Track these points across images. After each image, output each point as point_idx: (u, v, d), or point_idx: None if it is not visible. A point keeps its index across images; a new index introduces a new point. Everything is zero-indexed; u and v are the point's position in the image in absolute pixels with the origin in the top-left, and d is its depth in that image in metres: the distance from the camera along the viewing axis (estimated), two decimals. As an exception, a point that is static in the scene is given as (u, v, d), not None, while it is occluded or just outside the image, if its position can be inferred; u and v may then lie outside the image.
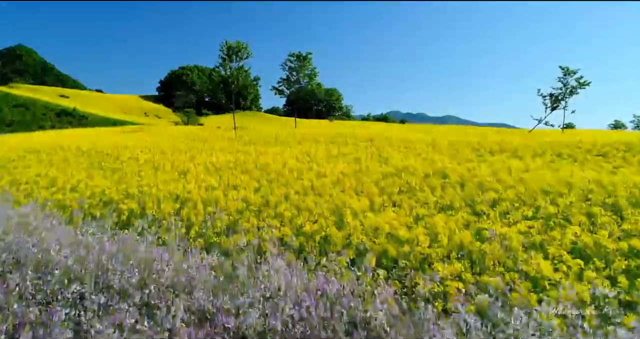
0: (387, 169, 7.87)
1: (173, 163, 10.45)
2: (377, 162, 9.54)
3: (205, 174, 8.88)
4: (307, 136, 17.91)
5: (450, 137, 19.39)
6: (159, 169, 9.59)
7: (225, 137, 17.45)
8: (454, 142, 15.56)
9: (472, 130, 34.57)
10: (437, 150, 12.96)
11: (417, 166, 8.36)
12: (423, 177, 7.34)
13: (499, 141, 15.78)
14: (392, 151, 11.99)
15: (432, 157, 10.41)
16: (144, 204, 6.27)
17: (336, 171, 8.05)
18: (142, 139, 16.73)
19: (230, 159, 10.00)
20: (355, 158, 9.89)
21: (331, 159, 10.27)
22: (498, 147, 15.11)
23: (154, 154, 12.15)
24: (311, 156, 10.82)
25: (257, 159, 10.30)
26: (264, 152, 11.78)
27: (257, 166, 9.51)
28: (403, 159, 9.94)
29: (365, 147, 13.31)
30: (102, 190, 7.46)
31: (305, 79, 32.56)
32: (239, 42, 28.47)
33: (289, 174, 8.38)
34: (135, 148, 13.12)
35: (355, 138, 15.84)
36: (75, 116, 64.11)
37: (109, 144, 14.67)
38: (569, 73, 32.51)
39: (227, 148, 13.12)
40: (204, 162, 10.09)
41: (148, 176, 8.55)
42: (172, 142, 15.38)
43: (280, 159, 10.24)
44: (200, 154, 12.10)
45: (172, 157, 10.93)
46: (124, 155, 12.02)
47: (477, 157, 10.73)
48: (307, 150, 11.90)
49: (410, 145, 14.41)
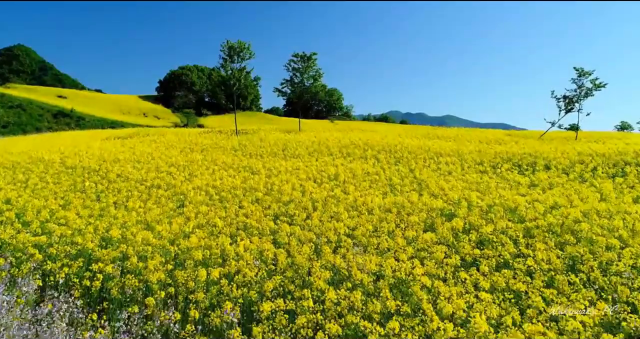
0: (435, 203, 6.20)
1: (169, 185, 8.75)
2: (415, 189, 7.86)
3: (206, 203, 7.19)
4: (316, 145, 16.22)
5: (469, 145, 17.76)
6: (152, 195, 7.89)
7: (228, 147, 15.72)
8: (481, 153, 13.90)
9: (483, 133, 32.91)
10: (470, 165, 11.30)
11: (471, 196, 6.69)
12: (485, 216, 5.68)
13: (532, 152, 14.12)
14: (422, 168, 10.31)
15: (473, 180, 8.75)
16: (125, 263, 4.59)
17: (371, 204, 6.37)
18: (137, 149, 14.99)
19: (236, 182, 8.31)
20: (389, 184, 8.17)
21: (356, 181, 8.60)
22: (531, 158, 13.47)
23: (147, 171, 10.44)
24: (330, 175, 9.13)
25: (268, 181, 8.61)
26: (273, 170, 10.09)
27: (269, 190, 7.83)
28: (441, 183, 8.27)
29: (388, 161, 11.63)
30: (77, 229, 5.80)
31: (309, 81, 30.77)
32: (241, 42, 26.64)
33: (308, 201, 6.70)
34: (127, 163, 11.40)
35: (371, 148, 14.15)
36: (73, 116, 62.30)
37: (98, 155, 12.95)
38: (584, 74, 30.88)
39: (230, 163, 11.42)
40: (204, 184, 8.39)
41: (136, 208, 6.86)
42: (169, 154, 13.65)
43: (295, 180, 8.55)
44: (200, 170, 10.40)
45: (167, 178, 9.22)
46: (113, 172, 10.30)
47: (522, 178, 9.05)
48: (324, 167, 10.21)
49: (435, 157, 12.75)
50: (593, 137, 31.04)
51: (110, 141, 20.32)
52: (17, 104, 59.28)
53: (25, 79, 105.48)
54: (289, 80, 31.32)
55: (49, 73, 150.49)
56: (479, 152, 14.30)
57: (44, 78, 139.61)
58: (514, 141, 22.96)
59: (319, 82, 30.77)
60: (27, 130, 54.36)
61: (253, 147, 15.51)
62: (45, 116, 59.47)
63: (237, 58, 27.44)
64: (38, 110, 59.91)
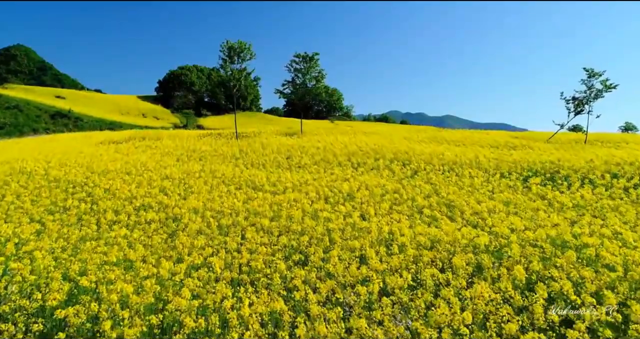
0: (479, 239, 5.07)
1: (160, 204, 7.63)
2: (445, 213, 6.74)
3: (203, 232, 6.08)
4: (321, 151, 15.10)
5: (483, 151, 16.66)
6: (140, 219, 6.77)
7: (228, 154, 14.59)
8: (499, 161, 12.80)
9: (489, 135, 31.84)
10: (494, 177, 10.19)
11: (516, 225, 5.58)
12: (547, 258, 4.58)
13: (554, 159, 13.02)
14: (444, 183, 9.19)
15: (506, 199, 7.64)
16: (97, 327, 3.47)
17: (401, 238, 5.25)
18: (130, 157, 13.85)
19: (237, 204, 7.17)
20: (413, 205, 7.03)
21: (374, 200, 7.48)
22: (554, 167, 12.38)
23: (138, 184, 9.32)
24: (343, 193, 8.02)
25: (273, 200, 7.50)
26: (278, 185, 8.97)
27: (276, 214, 6.71)
28: (472, 202, 7.15)
29: (404, 173, 10.51)
30: (41, 273, 4.71)
31: (311, 82, 29.59)
32: (241, 42, 25.42)
33: (324, 231, 5.59)
34: (117, 176, 10.27)
35: (383, 157, 13.03)
36: (71, 117, 61.06)
37: (87, 165, 11.81)
38: (594, 75, 29.80)
39: (230, 175, 10.29)
40: (201, 206, 7.27)
41: (119, 239, 5.74)
42: (164, 163, 12.53)
43: (304, 200, 7.43)
44: (197, 185, 9.26)
45: (160, 196, 8.09)
46: (101, 186, 9.17)
47: (562, 196, 7.95)
48: (334, 182, 9.10)
49: (454, 167, 11.64)
50: (601, 139, 29.96)
51: (104, 146, 19.17)
52: (14, 105, 57.99)
53: (23, 79, 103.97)
54: (290, 81, 30.14)
55: (48, 73, 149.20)
56: (496, 160, 13.20)
57: (44, 78, 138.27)
58: (526, 145, 21.90)
59: (321, 83, 29.60)
60: (24, 131, 53.14)
61: (254, 154, 14.37)
62: (42, 117, 58.20)
63: (237, 59, 26.26)
64: (35, 111, 58.64)
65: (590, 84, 29.58)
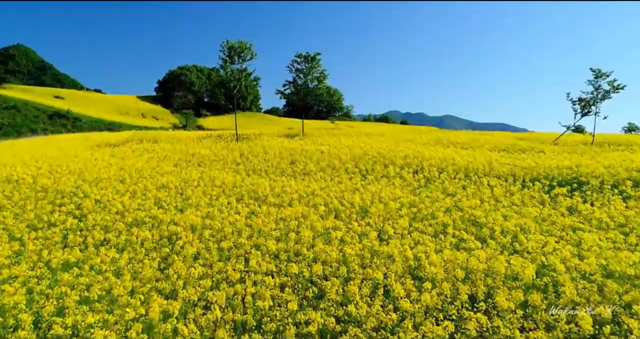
0: (525, 273, 4.32)
1: (155, 219, 6.89)
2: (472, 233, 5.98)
3: (201, 256, 5.34)
4: (326, 156, 14.37)
5: (493, 155, 15.94)
6: (131, 238, 6.02)
7: (228, 159, 13.83)
8: (514, 167, 12.07)
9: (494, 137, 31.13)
10: (514, 186, 9.45)
11: (551, 242, 4.84)
12: (609, 298, 3.85)
13: (572, 165, 12.28)
14: (462, 193, 8.45)
15: (535, 214, 6.90)
16: None
17: (429, 268, 4.51)
18: (126, 162, 13.10)
19: (239, 221, 6.41)
20: (436, 223, 6.24)
21: (390, 215, 6.74)
22: (572, 173, 11.67)
23: (131, 195, 8.58)
24: (355, 206, 7.27)
25: (279, 216, 6.76)
26: (283, 196, 8.22)
27: (283, 234, 5.97)
28: (499, 219, 6.41)
29: (418, 182, 9.76)
30: (7, 313, 3.96)
31: (313, 82, 28.83)
32: (242, 42, 24.61)
33: (339, 258, 4.85)
34: (109, 184, 9.52)
35: (392, 163, 12.29)
36: (69, 117, 60.24)
37: (78, 172, 11.06)
38: (601, 76, 29.07)
39: (231, 183, 9.55)
40: (199, 222, 6.52)
41: (105, 265, 5.01)
42: (161, 169, 11.77)
43: (313, 216, 6.69)
44: (195, 195, 8.51)
45: (154, 210, 7.34)
46: (91, 197, 8.42)
47: (599, 211, 7.22)
48: (343, 192, 8.36)
49: (469, 174, 10.91)
50: (607, 140, 29.25)
51: (100, 150, 18.40)
52: (12, 105, 57.13)
53: (22, 79, 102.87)
54: (291, 82, 29.39)
55: (48, 73, 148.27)
56: (510, 165, 12.47)
57: (43, 78, 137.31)
58: (534, 148, 21.18)
59: (323, 84, 28.83)
60: (22, 132, 52.32)
61: (256, 159, 13.62)
62: (40, 117, 57.37)
63: (237, 59, 25.47)
64: (34, 111, 57.80)
65: (598, 84, 28.86)
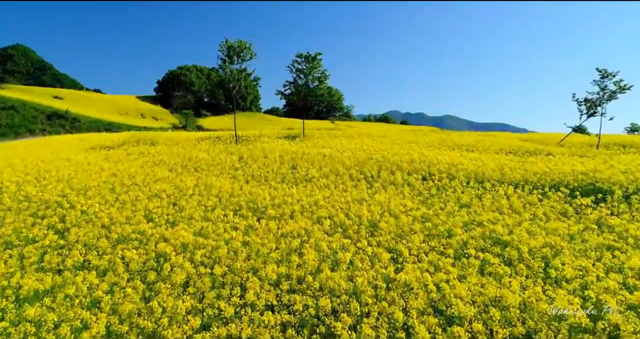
0: (569, 313, 3.67)
1: (143, 236, 6.22)
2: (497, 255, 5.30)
3: (190, 284, 4.67)
4: (328, 160, 13.71)
5: (502, 160, 15.28)
6: (115, 259, 5.36)
7: (227, 163, 13.16)
8: (526, 173, 11.41)
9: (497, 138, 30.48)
10: (530, 196, 8.78)
11: (587, 267, 4.18)
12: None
13: (586, 170, 11.62)
14: (476, 203, 7.78)
15: (559, 229, 6.24)
16: None
17: (455, 306, 3.85)
18: (120, 166, 12.42)
19: (236, 239, 5.74)
20: (454, 241, 5.56)
21: (403, 231, 6.08)
22: (588, 179, 11.00)
23: (120, 206, 7.91)
24: (362, 220, 6.61)
25: (279, 232, 6.10)
26: (285, 207, 7.55)
27: (284, 257, 5.31)
28: (524, 237, 5.75)
29: (428, 191, 9.08)
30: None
31: (314, 82, 28.16)
32: (241, 42, 23.90)
33: (350, 289, 4.19)
34: (98, 193, 8.85)
35: (399, 168, 11.63)
36: (67, 118, 59.55)
37: (67, 178, 10.38)
38: (607, 76, 28.39)
39: (228, 191, 8.88)
40: (191, 240, 5.85)
41: (81, 295, 4.34)
42: (155, 174, 11.10)
43: (318, 234, 6.02)
44: (190, 206, 7.85)
45: (143, 224, 6.67)
46: (77, 208, 7.75)
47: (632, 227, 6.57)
48: (349, 203, 7.69)
49: (483, 182, 10.24)
50: (612, 141, 28.61)
51: (94, 152, 17.73)
52: (10, 106, 56.41)
53: (21, 79, 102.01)
54: (292, 82, 28.72)
55: (48, 73, 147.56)
56: (522, 170, 11.80)
57: (43, 78, 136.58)
58: (541, 150, 20.51)
59: (324, 84, 28.16)
60: (20, 132, 51.66)
61: (255, 164, 12.94)
62: (39, 118, 56.68)
63: (236, 59, 24.79)
64: (32, 111, 57.10)
65: (604, 85, 28.21)
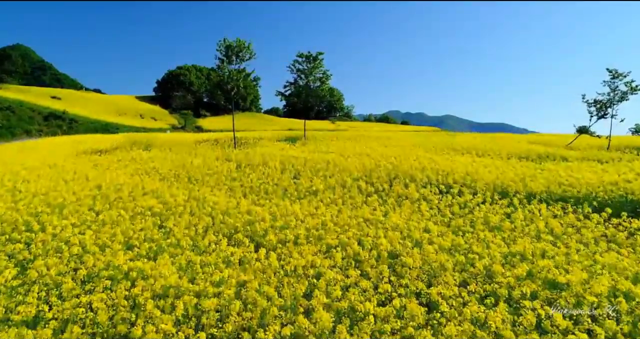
0: None
1: (117, 272, 5.13)
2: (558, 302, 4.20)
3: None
4: (332, 167, 12.63)
5: (519, 166, 14.20)
6: (75, 316, 4.27)
7: (223, 171, 12.05)
8: (548, 182, 10.33)
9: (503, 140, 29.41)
10: (567, 217, 7.69)
11: None
12: None
13: (614, 180, 10.54)
14: (508, 226, 6.68)
15: (613, 263, 5.16)
16: None
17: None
18: (108, 174, 11.30)
19: (227, 292, 4.65)
20: (502, 284, 4.38)
21: (429, 267, 4.99)
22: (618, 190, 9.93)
23: (97, 229, 6.81)
24: (382, 251, 5.52)
25: (284, 269, 5.01)
26: (288, 232, 6.46)
27: (290, 313, 4.22)
28: (575, 272, 4.66)
29: (449, 209, 7.97)
30: None
31: (315, 83, 27.03)
32: (240, 41, 22.71)
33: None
34: (76, 210, 7.75)
35: (411, 178, 10.53)
36: (65, 119, 58.44)
37: (44, 190, 9.26)
38: (618, 76, 27.30)
39: (223, 209, 7.77)
40: (173, 281, 4.76)
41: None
42: (145, 187, 9.99)
43: (326, 266, 4.95)
44: (179, 227, 6.77)
45: (119, 255, 5.57)
46: (48, 231, 6.64)
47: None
48: (366, 231, 6.60)
49: (507, 193, 9.13)
50: (623, 143, 27.56)
51: (84, 158, 16.60)
52: (6, 106, 55.22)
53: (20, 79, 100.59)
54: (293, 82, 27.61)
55: (47, 73, 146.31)
56: (544, 180, 10.73)
57: (43, 78, 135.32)
58: (553, 154, 19.41)
59: (326, 85, 27.03)
60: (16, 133, 50.61)
61: (254, 173, 11.84)
62: (36, 119, 55.56)
63: (235, 59, 23.65)
64: (28, 112, 55.93)
65: (615, 85, 27.16)
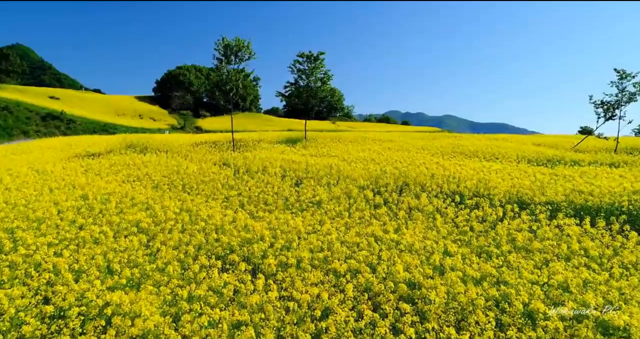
0: None
1: (91, 310, 4.35)
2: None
3: None
4: (335, 172, 11.87)
5: (536, 173, 13.43)
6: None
7: (220, 178, 11.27)
8: (570, 192, 9.56)
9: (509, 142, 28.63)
10: (599, 231, 6.92)
11: None
12: None
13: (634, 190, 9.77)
14: (537, 245, 5.90)
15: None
16: None
17: None
18: (96, 183, 10.51)
19: (222, 331, 3.88)
20: (544, 329, 3.64)
21: (460, 304, 4.23)
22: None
23: (74, 250, 6.03)
24: (399, 280, 4.76)
25: (284, 305, 4.23)
26: (289, 255, 5.68)
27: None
28: (623, 309, 3.91)
29: (468, 224, 7.18)
30: None
31: (317, 83, 26.24)
32: (239, 40, 21.90)
33: None
34: (56, 223, 6.98)
35: (421, 186, 9.75)
36: (63, 119, 57.55)
37: (25, 200, 8.49)
38: (626, 77, 26.52)
39: (218, 224, 7.00)
40: (154, 328, 3.99)
41: None
42: (135, 198, 9.20)
43: (335, 302, 4.18)
44: (164, 255, 5.99)
45: (96, 283, 4.79)
46: (19, 252, 5.87)
47: None
48: (378, 254, 5.82)
49: (527, 204, 8.36)
50: (630, 145, 26.79)
51: (76, 162, 15.79)
52: (3, 106, 54.35)
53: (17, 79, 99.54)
54: (293, 83, 26.82)
55: (47, 73, 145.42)
56: (563, 189, 9.95)
57: (43, 78, 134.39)
58: (563, 158, 18.63)
59: (327, 85, 26.23)
60: (14, 134, 49.80)
61: (253, 180, 11.06)
62: (33, 119, 54.68)
63: (234, 58, 22.83)
64: (26, 112, 55.07)
65: (623, 86, 26.40)
